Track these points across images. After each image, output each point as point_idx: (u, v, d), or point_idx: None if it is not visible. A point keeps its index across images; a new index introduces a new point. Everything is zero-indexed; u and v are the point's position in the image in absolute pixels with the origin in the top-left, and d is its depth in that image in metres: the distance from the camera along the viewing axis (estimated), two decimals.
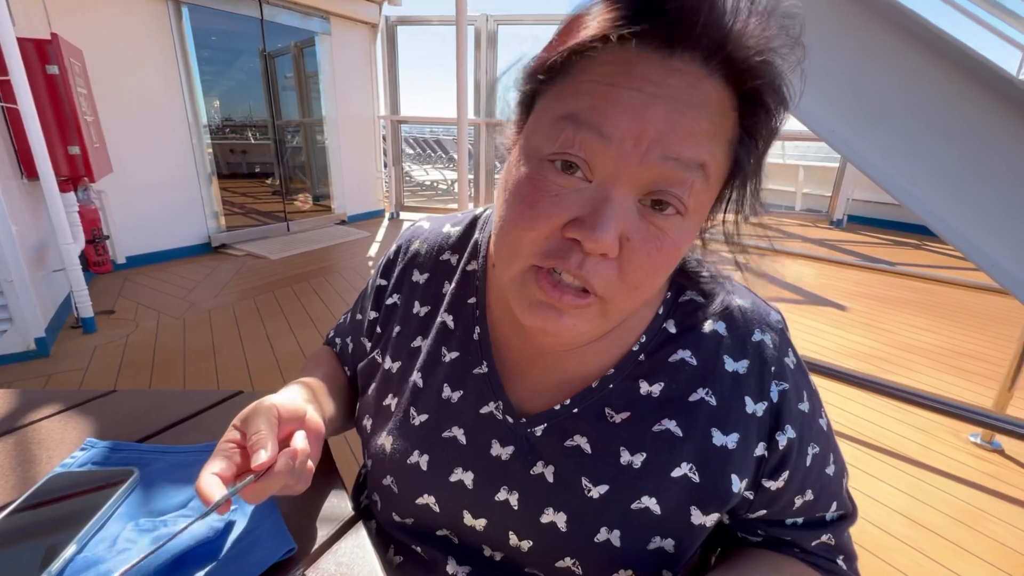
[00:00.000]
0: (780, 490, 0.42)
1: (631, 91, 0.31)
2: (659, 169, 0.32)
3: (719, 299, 0.45)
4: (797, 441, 0.42)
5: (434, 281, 0.53)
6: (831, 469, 0.44)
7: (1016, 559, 1.43)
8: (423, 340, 0.51)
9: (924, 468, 1.83)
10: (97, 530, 0.45)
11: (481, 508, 0.44)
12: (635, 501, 0.41)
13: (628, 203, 0.33)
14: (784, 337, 0.45)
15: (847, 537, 0.47)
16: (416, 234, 0.58)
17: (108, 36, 3.48)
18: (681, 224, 0.34)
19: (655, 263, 0.34)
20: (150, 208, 3.91)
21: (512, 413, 0.45)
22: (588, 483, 0.42)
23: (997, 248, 1.05)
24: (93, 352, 2.48)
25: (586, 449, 0.42)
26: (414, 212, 6.57)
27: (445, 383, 0.48)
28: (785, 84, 0.34)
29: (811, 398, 0.45)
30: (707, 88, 0.32)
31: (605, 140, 0.31)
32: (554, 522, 0.42)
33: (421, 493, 0.46)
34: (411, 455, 0.47)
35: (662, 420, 0.42)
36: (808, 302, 3.59)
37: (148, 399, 0.68)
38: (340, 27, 5.27)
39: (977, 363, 2.71)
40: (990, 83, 1.00)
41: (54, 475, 0.51)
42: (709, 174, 0.33)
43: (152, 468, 0.53)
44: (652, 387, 0.43)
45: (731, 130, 0.34)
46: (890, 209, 6.47)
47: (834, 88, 1.15)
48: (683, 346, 0.44)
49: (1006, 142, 1.03)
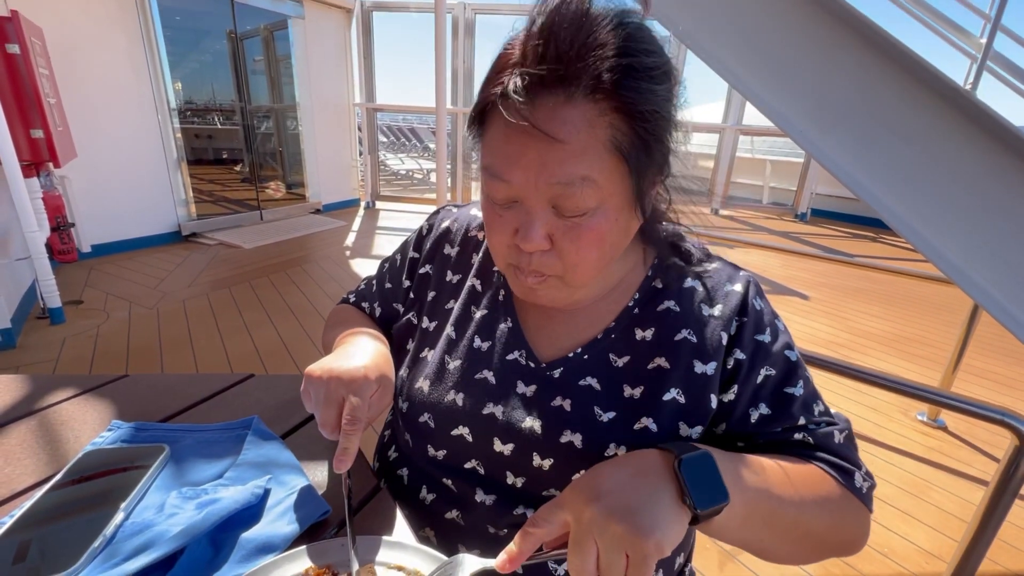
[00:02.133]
0: (732, 402, 0.50)
1: (514, 145, 0.42)
2: (550, 191, 0.42)
3: (695, 262, 0.56)
4: (747, 362, 0.50)
5: (464, 253, 0.63)
6: (795, 391, 0.50)
7: (956, 524, 1.59)
8: (455, 302, 0.61)
9: (877, 444, 1.99)
10: (139, 500, 0.49)
11: (509, 435, 0.52)
12: (636, 423, 0.49)
13: (545, 212, 0.44)
14: (750, 287, 0.54)
15: (833, 441, 0.50)
16: (446, 215, 0.68)
17: (70, 14, 3.32)
18: (593, 215, 0.43)
19: (581, 247, 0.44)
20: (116, 195, 3.77)
21: (534, 359, 0.54)
22: (599, 411, 0.50)
23: (942, 240, 1.16)
24: (63, 343, 2.42)
25: (596, 387, 0.52)
26: (390, 202, 6.52)
27: (476, 335, 0.57)
28: (642, 59, 0.40)
29: (774, 333, 0.52)
30: (567, 112, 0.40)
31: (509, 184, 0.43)
32: (572, 441, 0.50)
33: (456, 426, 0.54)
34: (448, 394, 0.55)
35: (654, 359, 0.51)
36: (773, 291, 3.77)
37: (161, 383, 0.71)
38: (314, 11, 5.14)
39: (925, 347, 2.92)
40: (940, 91, 1.10)
41: (88, 452, 0.54)
42: (594, 178, 0.41)
43: (181, 445, 0.57)
44: (645, 332, 0.53)
45: (606, 131, 0.41)
46: (850, 203, 6.78)
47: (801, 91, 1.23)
48: (668, 297, 0.54)
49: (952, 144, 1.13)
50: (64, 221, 2.89)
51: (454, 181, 6.17)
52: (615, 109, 0.41)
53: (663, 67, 0.42)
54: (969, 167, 1.11)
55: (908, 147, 1.19)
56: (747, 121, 6.59)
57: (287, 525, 0.46)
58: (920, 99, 1.14)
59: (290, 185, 5.83)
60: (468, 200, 0.86)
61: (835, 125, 1.24)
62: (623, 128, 0.41)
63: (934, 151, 1.16)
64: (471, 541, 0.54)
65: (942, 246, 1.16)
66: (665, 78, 0.43)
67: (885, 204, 1.19)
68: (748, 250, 4.94)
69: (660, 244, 0.57)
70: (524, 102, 0.40)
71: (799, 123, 1.25)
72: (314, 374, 0.49)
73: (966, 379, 2.51)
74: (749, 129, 6.78)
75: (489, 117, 0.44)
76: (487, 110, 0.44)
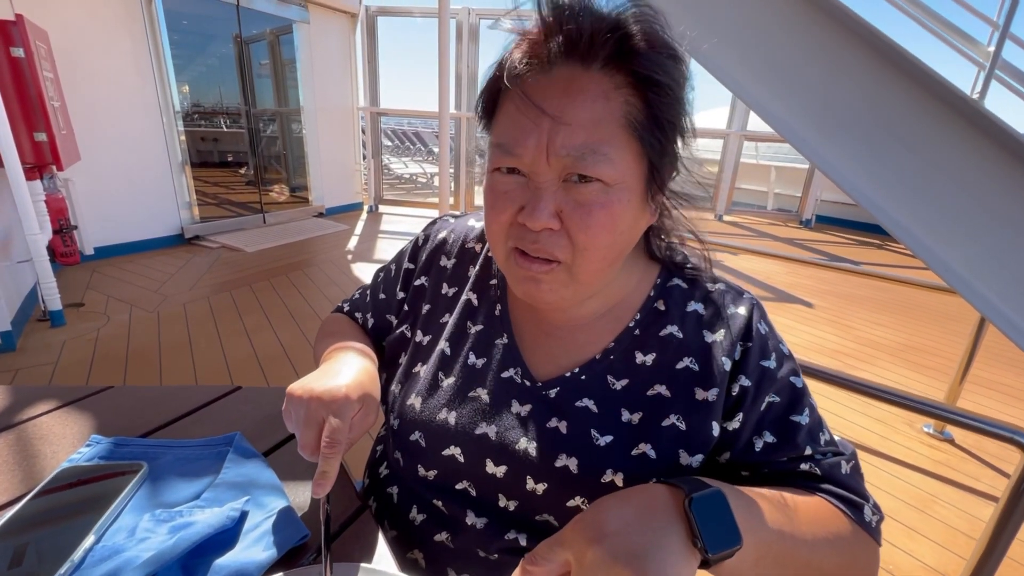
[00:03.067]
0: (737, 431, 0.48)
1: (527, 118, 0.42)
2: (563, 160, 0.42)
3: (700, 284, 0.54)
4: (752, 389, 0.48)
5: (460, 266, 0.62)
6: (801, 419, 0.48)
7: (962, 540, 1.55)
8: (450, 316, 0.59)
9: (882, 457, 1.95)
10: (112, 521, 0.47)
11: (502, 456, 0.50)
12: (635, 448, 0.48)
13: (554, 187, 0.43)
14: (755, 310, 0.52)
15: (840, 472, 0.47)
16: (443, 226, 0.66)
17: (75, 18, 3.34)
18: (607, 191, 0.42)
19: (591, 225, 0.43)
20: (120, 197, 3.78)
21: (530, 378, 0.53)
22: (596, 434, 0.48)
23: (948, 251, 1.13)
24: (63, 346, 2.41)
25: (593, 409, 0.50)
26: (393, 206, 6.52)
27: (471, 351, 0.56)
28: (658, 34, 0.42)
29: (779, 358, 0.50)
30: (584, 82, 0.41)
31: (519, 158, 0.43)
32: (567, 466, 0.48)
33: (448, 445, 0.52)
34: (440, 412, 0.53)
35: (654, 386, 0.50)
36: (777, 299, 3.73)
37: (147, 395, 0.69)
38: (319, 15, 5.16)
39: (932, 358, 2.88)
40: (947, 100, 1.08)
41: (63, 469, 0.52)
42: (607, 152, 0.41)
43: (160, 462, 0.55)
44: (646, 357, 0.51)
45: (621, 105, 0.41)
46: (855, 210, 6.73)
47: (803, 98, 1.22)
48: (671, 322, 0.52)
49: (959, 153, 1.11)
50: (67, 223, 2.90)
51: (457, 185, 6.17)
52: (629, 84, 0.41)
53: (677, 49, 0.43)
54: (976, 177, 1.09)
55: (913, 156, 1.17)
56: (751, 127, 6.57)
57: (263, 551, 0.44)
58: (926, 108, 1.11)
59: (293, 188, 5.85)
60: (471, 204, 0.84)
61: (838, 133, 1.22)
62: (637, 104, 0.42)
63: (940, 160, 1.14)
64: (461, 565, 0.52)
65: (947, 257, 1.14)
66: (678, 59, 0.43)
67: (888, 214, 1.17)
68: (752, 257, 4.91)
69: (663, 263, 0.55)
70: (541, 73, 0.41)
71: (801, 130, 1.23)
72: (295, 394, 0.47)
73: (974, 390, 2.46)
74: (753, 135, 6.76)
75: (501, 95, 0.45)
76: (500, 87, 0.44)
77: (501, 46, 0.46)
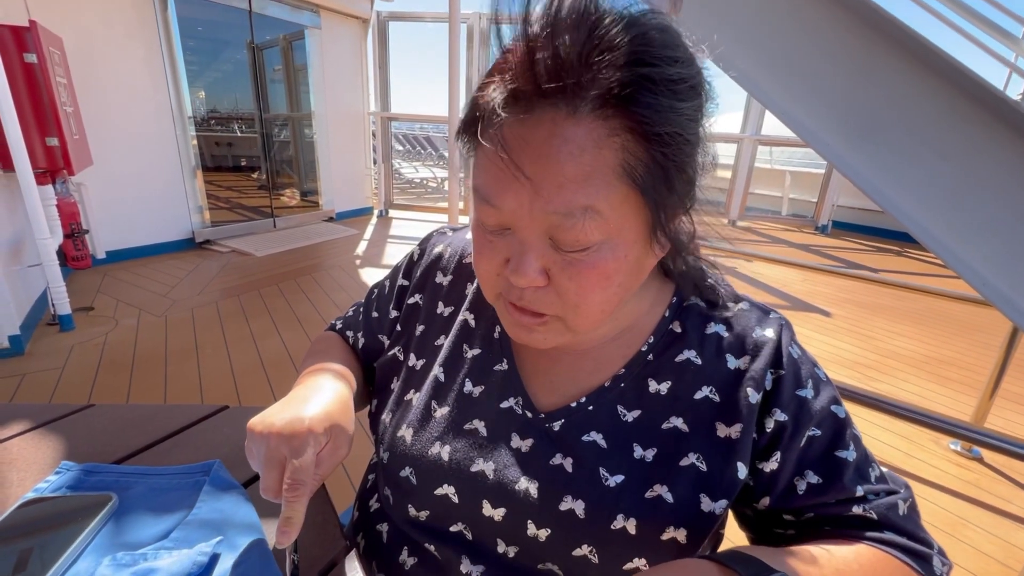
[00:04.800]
0: (775, 472, 0.43)
1: (505, 171, 0.36)
2: (547, 221, 0.36)
3: (720, 304, 0.48)
4: (791, 423, 0.43)
5: (458, 283, 0.57)
6: (847, 454, 0.43)
7: (994, 566, 1.46)
8: (445, 338, 0.54)
9: (906, 476, 1.86)
10: (72, 563, 0.43)
11: (501, 497, 0.45)
12: (648, 490, 0.42)
13: (541, 243, 0.38)
14: (784, 331, 0.46)
15: (898, 514, 0.43)
16: (439, 240, 0.61)
17: (90, 25, 3.38)
18: (598, 250, 0.37)
19: (582, 286, 0.38)
20: (132, 202, 3.81)
21: (531, 408, 0.48)
22: (605, 473, 0.43)
23: (983, 262, 1.06)
24: (70, 351, 2.41)
25: (602, 444, 0.45)
26: (403, 210, 6.52)
27: (467, 378, 0.51)
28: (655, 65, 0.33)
29: (817, 386, 0.45)
30: (569, 130, 0.34)
31: (500, 210, 0.38)
32: (572, 509, 0.43)
33: (440, 483, 0.47)
34: (432, 446, 0.48)
35: (670, 418, 0.45)
36: (794, 308, 3.63)
37: (127, 414, 0.65)
38: (330, 21, 5.19)
39: (958, 371, 2.77)
40: (981, 99, 1.01)
41: (25, 501, 0.48)
42: (599, 209, 0.35)
43: (131, 493, 0.51)
44: (660, 385, 0.46)
45: (616, 154, 0.34)
46: (873, 216, 6.59)
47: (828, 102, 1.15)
48: (688, 346, 0.47)
49: (995, 157, 1.04)
50: (79, 228, 2.91)
51: (467, 190, 6.15)
52: (628, 129, 0.34)
53: (691, 79, 0.35)
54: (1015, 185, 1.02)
55: (945, 162, 1.10)
56: (766, 131, 6.46)
57: None
58: (959, 109, 1.05)
59: (304, 193, 5.87)
60: None
61: (865, 138, 1.15)
62: (637, 152, 0.34)
63: (975, 167, 1.07)
64: None
65: (984, 270, 1.07)
66: (692, 93, 0.36)
67: (919, 223, 1.10)
68: (767, 264, 4.80)
69: (680, 281, 0.49)
70: (519, 117, 0.35)
71: (825, 136, 1.17)
72: (255, 429, 0.42)
73: (1005, 406, 2.35)
74: (768, 139, 6.65)
75: (480, 130, 0.38)
76: (478, 121, 0.38)
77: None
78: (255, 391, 2.18)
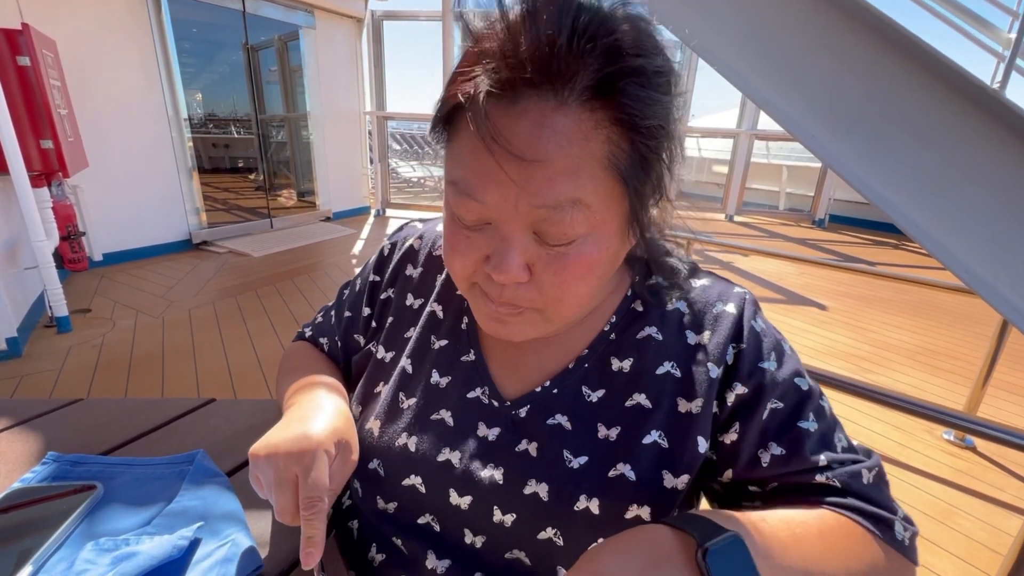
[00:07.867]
0: (735, 443, 0.43)
1: (490, 158, 0.34)
2: (533, 215, 0.35)
3: (682, 280, 0.49)
4: (751, 395, 0.43)
5: (427, 275, 0.56)
6: (809, 425, 0.43)
7: (986, 554, 1.47)
8: (414, 330, 0.54)
9: (900, 466, 1.87)
10: (56, 549, 0.44)
11: (467, 485, 0.45)
12: (611, 469, 0.43)
13: (524, 238, 0.37)
14: (746, 305, 0.47)
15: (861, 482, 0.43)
16: (411, 232, 0.60)
17: (83, 27, 3.38)
18: (583, 243, 0.37)
19: (565, 279, 0.38)
20: (128, 204, 3.82)
21: (497, 397, 0.48)
22: (569, 455, 0.44)
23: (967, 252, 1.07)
24: (68, 352, 2.42)
25: (567, 426, 0.45)
26: (400, 209, 6.53)
27: (434, 369, 0.51)
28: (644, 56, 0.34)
29: (779, 358, 0.45)
30: (557, 120, 0.33)
31: (483, 204, 0.36)
32: (536, 492, 0.43)
33: (408, 474, 0.47)
34: (399, 437, 0.48)
35: (633, 395, 0.45)
36: (790, 301, 3.64)
37: (117, 408, 0.66)
38: (325, 21, 5.19)
39: (950, 361, 2.78)
40: (964, 90, 1.02)
41: (11, 491, 0.49)
42: (587, 201, 0.35)
43: (116, 483, 0.52)
44: (623, 363, 0.46)
45: (603, 146, 0.34)
46: (869, 209, 6.59)
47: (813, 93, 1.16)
48: (649, 323, 0.47)
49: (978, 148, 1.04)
50: (75, 230, 2.92)
51: None
52: (615, 120, 0.34)
53: (670, 71, 0.36)
54: (997, 174, 1.02)
55: (928, 152, 1.10)
56: (762, 126, 6.46)
57: None
58: (941, 99, 1.05)
59: (301, 193, 5.88)
60: None
61: (849, 129, 1.16)
62: (622, 144, 0.35)
63: (957, 156, 1.07)
64: None
65: (968, 259, 1.08)
66: (670, 88, 0.37)
67: (904, 213, 1.11)
68: (763, 258, 4.81)
69: (640, 260, 0.49)
70: (503, 107, 0.34)
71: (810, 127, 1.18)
72: (259, 455, 0.41)
73: (997, 395, 2.37)
74: (764, 134, 6.65)
75: (458, 120, 0.37)
76: (455, 112, 0.37)
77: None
78: (252, 391, 2.19)
